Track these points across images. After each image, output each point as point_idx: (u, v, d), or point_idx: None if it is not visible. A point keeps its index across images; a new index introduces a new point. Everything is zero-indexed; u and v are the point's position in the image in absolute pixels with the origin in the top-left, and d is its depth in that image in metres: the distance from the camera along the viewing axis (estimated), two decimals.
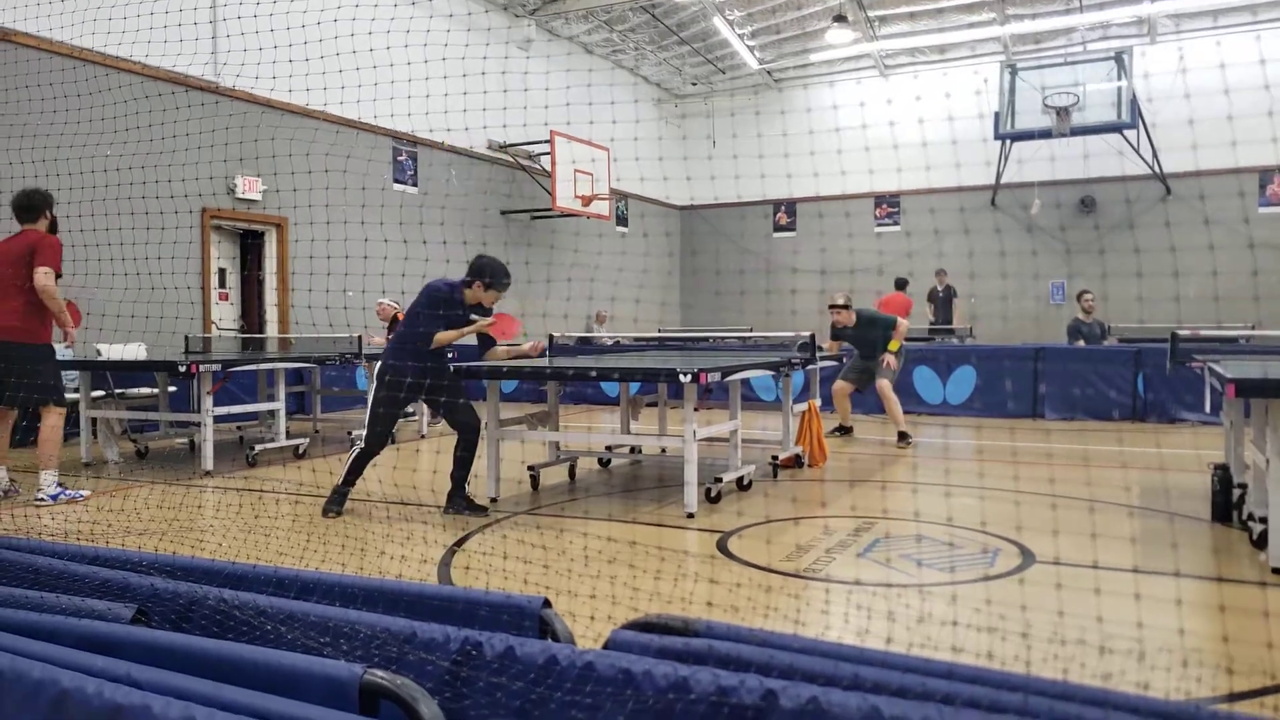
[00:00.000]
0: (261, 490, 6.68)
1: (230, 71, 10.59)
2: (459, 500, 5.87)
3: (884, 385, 8.92)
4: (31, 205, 6.39)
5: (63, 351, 7.13)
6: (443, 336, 5.88)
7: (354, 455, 5.90)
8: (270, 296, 12.35)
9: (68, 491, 6.26)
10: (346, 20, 7.79)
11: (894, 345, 8.92)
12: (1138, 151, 16.37)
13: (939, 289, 16.50)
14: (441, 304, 5.88)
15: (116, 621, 1.76)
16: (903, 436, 8.87)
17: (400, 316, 10.88)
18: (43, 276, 6.09)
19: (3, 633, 1.67)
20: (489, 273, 5.91)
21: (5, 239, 6.50)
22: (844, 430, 9.61)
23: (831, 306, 9.23)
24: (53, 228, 6.50)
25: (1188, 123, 12.76)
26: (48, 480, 6.19)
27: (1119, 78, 15.98)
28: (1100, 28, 17.34)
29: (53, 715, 1.44)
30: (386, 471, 7.22)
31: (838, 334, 9.28)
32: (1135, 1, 16.29)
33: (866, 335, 9.14)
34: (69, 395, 8.66)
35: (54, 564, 2.16)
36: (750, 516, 5.73)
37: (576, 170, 15.69)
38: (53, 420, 6.36)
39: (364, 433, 5.92)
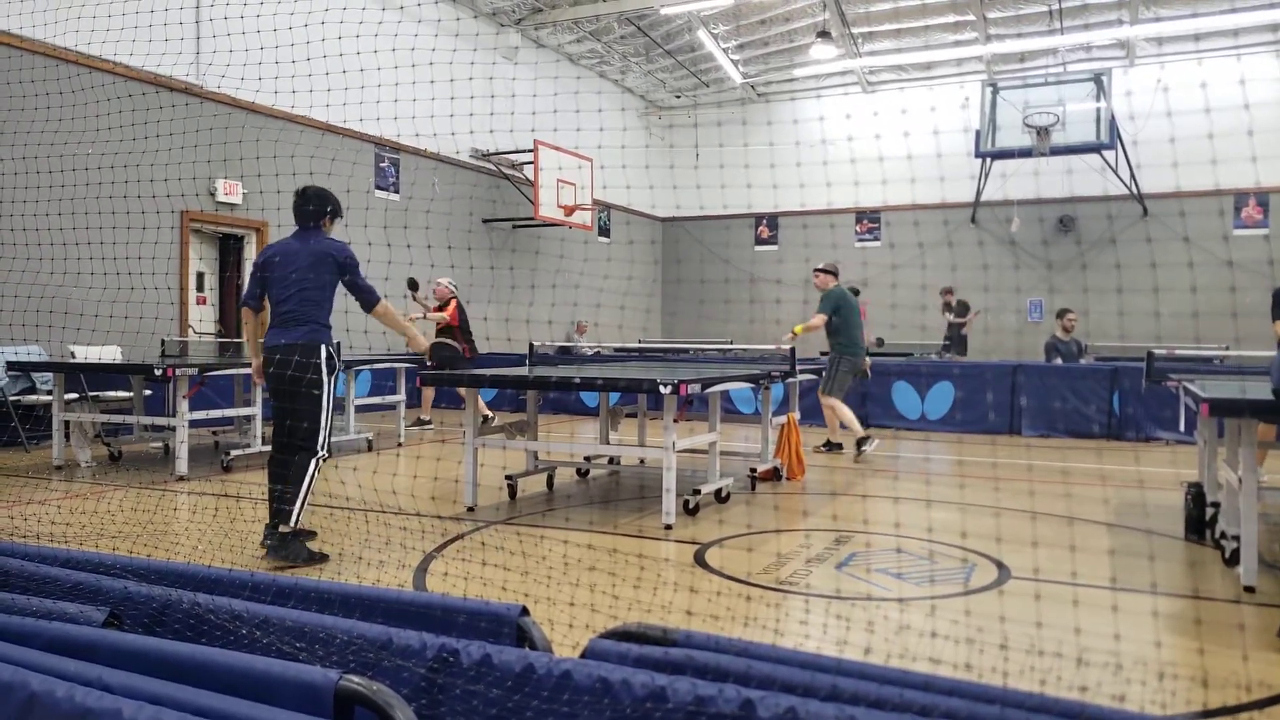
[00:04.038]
0: (238, 496, 6.62)
1: (213, 74, 10.53)
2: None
3: (824, 399, 8.90)
4: None
5: None
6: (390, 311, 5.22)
7: (310, 478, 4.91)
8: None
9: None
10: (332, 25, 7.77)
11: (797, 329, 8.78)
12: (1116, 172, 16.55)
13: (952, 304, 16.26)
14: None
15: (88, 625, 1.74)
16: (860, 442, 8.65)
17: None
18: None
19: None
20: (339, 203, 5.28)
21: None
22: (831, 446, 9.23)
23: (816, 270, 9.18)
24: None
25: (1168, 141, 12.91)
26: None
27: (1099, 99, 16.16)
28: (1082, 49, 17.54)
29: (22, 719, 1.42)
30: (366, 476, 7.18)
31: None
32: (1116, 24, 16.49)
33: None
34: (42, 397, 8.61)
35: (25, 566, 2.13)
36: (729, 528, 5.73)
37: (560, 180, 15.70)
38: None
39: (317, 443, 4.96)
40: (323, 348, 4.97)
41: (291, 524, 4.78)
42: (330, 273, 5.01)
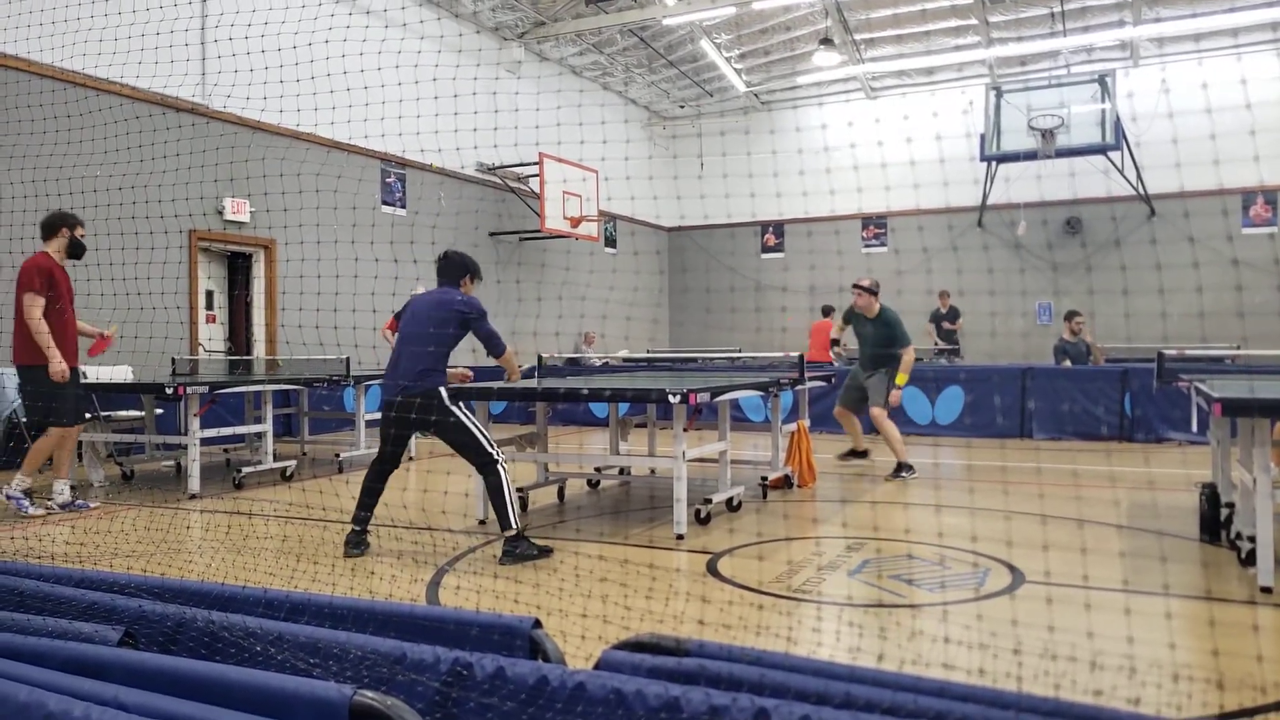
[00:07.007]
0: (250, 513, 6.64)
1: (219, 93, 10.59)
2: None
3: (878, 414, 8.21)
4: (48, 223, 6.66)
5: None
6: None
7: (505, 485, 5.23)
8: (259, 317, 12.31)
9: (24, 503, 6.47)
10: (336, 43, 7.81)
11: (900, 379, 8.11)
12: (1122, 173, 16.53)
13: (942, 310, 16.46)
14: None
15: (104, 644, 1.75)
16: (901, 468, 8.10)
17: None
18: (23, 304, 6.26)
19: None
20: (477, 266, 5.73)
21: None
22: (857, 454, 8.89)
23: (855, 285, 8.38)
24: (74, 249, 6.64)
25: (1172, 142, 12.88)
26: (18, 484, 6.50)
27: (1102, 100, 16.15)
28: (1084, 50, 17.54)
29: None
30: None
31: (850, 317, 8.55)
32: (1118, 25, 16.48)
33: (877, 335, 8.29)
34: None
35: (40, 587, 2.14)
36: (741, 537, 5.72)
37: (565, 192, 15.74)
38: (47, 439, 6.50)
39: (491, 455, 5.31)
40: (441, 390, 5.36)
41: (513, 528, 5.17)
42: (454, 326, 5.42)
